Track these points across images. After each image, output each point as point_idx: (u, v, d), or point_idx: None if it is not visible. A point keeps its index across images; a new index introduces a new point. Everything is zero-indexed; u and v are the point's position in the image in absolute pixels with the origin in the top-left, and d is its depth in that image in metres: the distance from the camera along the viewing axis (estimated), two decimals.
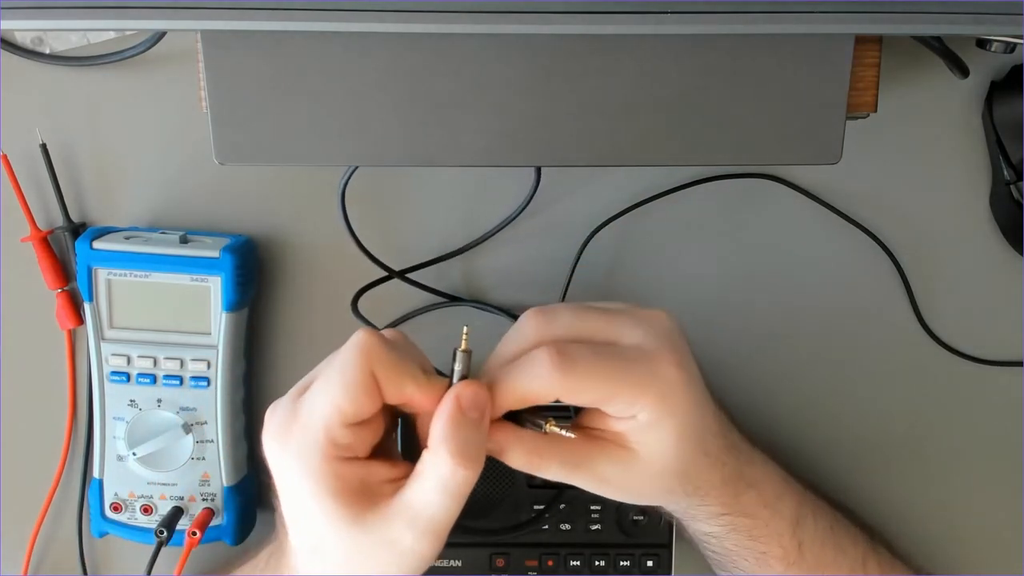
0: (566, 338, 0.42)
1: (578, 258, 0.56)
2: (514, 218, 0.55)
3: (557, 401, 0.41)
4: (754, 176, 0.56)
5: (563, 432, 0.42)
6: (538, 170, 0.53)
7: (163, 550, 0.55)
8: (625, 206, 0.56)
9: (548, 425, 0.42)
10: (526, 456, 0.42)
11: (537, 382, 0.40)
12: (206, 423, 0.55)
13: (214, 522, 0.56)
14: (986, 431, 0.59)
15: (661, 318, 0.44)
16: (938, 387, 0.58)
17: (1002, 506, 0.59)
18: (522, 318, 0.43)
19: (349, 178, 0.51)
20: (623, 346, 0.42)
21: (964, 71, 0.49)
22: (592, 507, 0.55)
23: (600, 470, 0.43)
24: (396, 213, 0.57)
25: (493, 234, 0.56)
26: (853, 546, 0.51)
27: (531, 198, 0.54)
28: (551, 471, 0.42)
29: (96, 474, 0.56)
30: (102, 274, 0.53)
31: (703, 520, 0.47)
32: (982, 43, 0.46)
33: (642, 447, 0.42)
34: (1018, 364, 0.58)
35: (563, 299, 0.57)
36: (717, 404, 0.46)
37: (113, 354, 0.54)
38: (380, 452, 0.43)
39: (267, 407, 0.44)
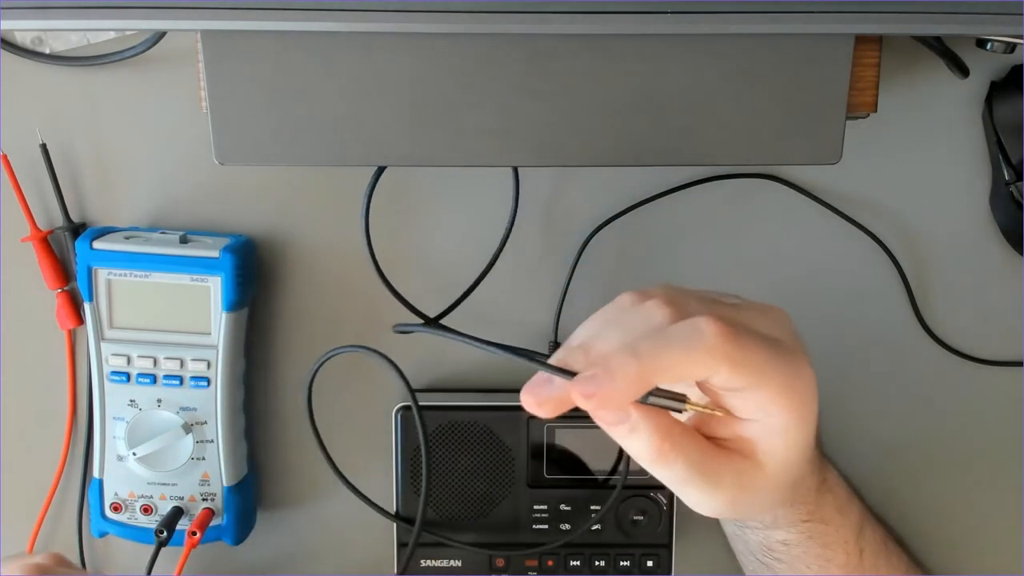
0: (730, 319, 0.37)
1: (578, 258, 0.56)
2: (509, 231, 0.55)
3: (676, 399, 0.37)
4: (754, 176, 0.56)
5: (709, 410, 0.38)
6: (515, 171, 0.53)
7: (163, 550, 0.55)
8: (625, 206, 0.56)
9: (688, 404, 0.37)
10: (658, 442, 0.37)
11: (699, 351, 0.35)
12: (206, 423, 0.55)
13: (214, 522, 0.56)
14: (986, 431, 0.58)
15: (786, 316, 0.40)
16: (938, 387, 0.58)
17: (1002, 506, 0.59)
18: (636, 297, 0.39)
19: (369, 204, 0.50)
20: (768, 336, 0.38)
21: (964, 71, 0.49)
22: (592, 507, 0.55)
23: (725, 484, 0.38)
24: (398, 216, 0.57)
25: (501, 250, 0.55)
26: (899, 560, 0.51)
27: (515, 209, 0.54)
28: (673, 468, 0.37)
29: (96, 474, 0.56)
30: (102, 274, 0.53)
31: (784, 527, 0.45)
32: (982, 43, 0.46)
33: (768, 458, 0.38)
34: (1018, 364, 0.58)
35: (562, 301, 0.57)
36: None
37: (113, 354, 0.54)
38: None
39: (267, 407, 0.43)
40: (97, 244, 0.53)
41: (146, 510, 0.56)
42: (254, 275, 0.56)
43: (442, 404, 0.55)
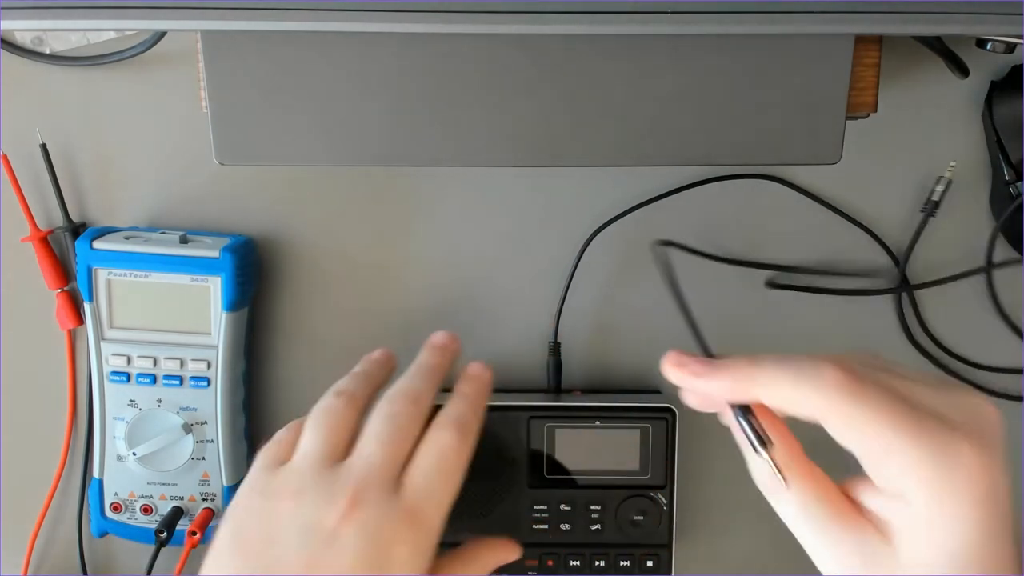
0: (863, 372, 0.35)
1: (578, 260, 0.56)
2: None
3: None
4: (754, 176, 0.56)
5: (766, 456, 0.36)
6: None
7: (163, 550, 0.55)
8: (626, 207, 0.56)
9: (766, 448, 0.36)
10: (784, 459, 0.36)
11: (808, 385, 0.34)
12: (206, 423, 0.55)
13: (214, 522, 0.56)
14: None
15: (986, 407, 0.35)
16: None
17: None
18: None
19: None
20: (921, 404, 0.34)
21: (964, 71, 0.49)
22: (592, 507, 0.55)
23: (841, 541, 0.35)
24: (397, 216, 0.57)
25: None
26: None
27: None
28: (786, 504, 0.36)
29: (96, 474, 0.56)
30: (102, 274, 0.53)
31: None
32: (982, 43, 0.46)
33: (905, 547, 0.34)
34: (1018, 369, 0.58)
35: (562, 301, 0.57)
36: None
37: (113, 354, 0.54)
38: None
39: (267, 407, 0.43)
40: (97, 244, 0.53)
41: (146, 510, 0.56)
42: (254, 275, 0.56)
43: (442, 404, 0.55)
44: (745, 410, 0.36)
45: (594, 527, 0.55)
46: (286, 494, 0.39)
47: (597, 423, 0.54)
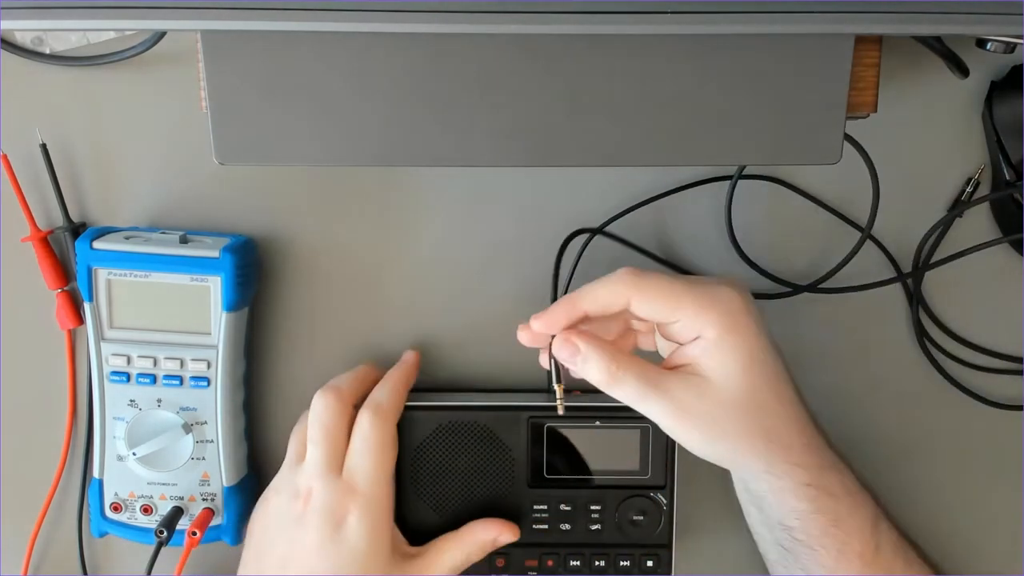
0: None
1: (578, 260, 0.56)
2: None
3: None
4: (754, 177, 0.56)
5: (556, 389, 0.49)
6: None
7: (163, 550, 0.55)
8: (625, 207, 0.56)
9: (557, 386, 0.49)
10: (606, 364, 0.46)
11: (611, 284, 0.47)
12: (206, 423, 0.55)
13: (214, 522, 0.56)
14: (986, 432, 0.58)
15: (735, 281, 0.49)
16: (937, 388, 0.58)
17: (1003, 507, 0.59)
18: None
19: None
20: (696, 277, 0.51)
21: (964, 71, 0.49)
22: (592, 507, 0.55)
23: (676, 394, 0.46)
24: (397, 216, 0.57)
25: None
26: (918, 564, 0.51)
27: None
28: (628, 386, 0.46)
29: (96, 474, 0.56)
30: (102, 274, 0.53)
31: (790, 491, 0.47)
32: (982, 43, 0.46)
33: (712, 371, 0.46)
34: (1018, 370, 0.58)
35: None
36: (796, 390, 0.49)
37: (113, 354, 0.54)
38: None
39: (267, 407, 0.45)
40: (97, 244, 0.53)
41: (146, 510, 0.56)
42: (254, 275, 0.56)
43: (442, 404, 0.55)
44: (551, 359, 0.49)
45: (594, 527, 0.55)
46: (273, 493, 0.53)
47: (597, 423, 0.54)
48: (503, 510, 0.55)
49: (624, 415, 0.52)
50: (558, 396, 0.49)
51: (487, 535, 0.54)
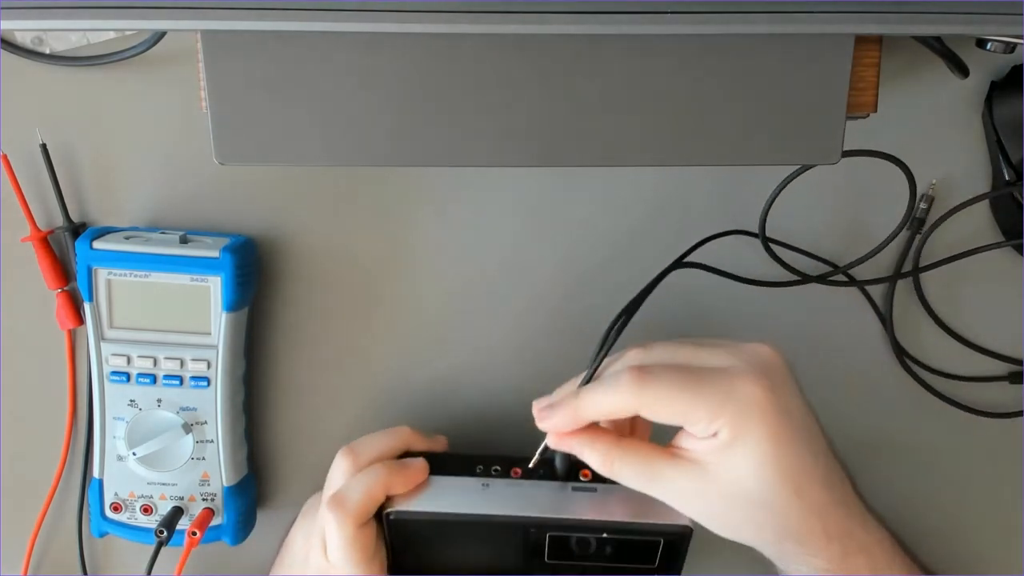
0: (661, 363, 0.44)
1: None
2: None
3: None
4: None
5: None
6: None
7: (163, 550, 0.55)
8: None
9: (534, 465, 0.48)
10: (601, 455, 0.45)
11: (615, 395, 0.43)
12: (206, 423, 0.55)
13: (214, 522, 0.56)
14: (986, 432, 0.58)
15: (760, 349, 0.45)
16: (937, 388, 0.58)
17: (1002, 507, 0.59)
18: (626, 350, 0.46)
19: None
20: (707, 367, 0.44)
21: (964, 71, 0.49)
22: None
23: (678, 484, 0.44)
24: (397, 216, 0.57)
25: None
26: None
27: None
28: (626, 478, 0.45)
29: (96, 474, 0.56)
30: (102, 274, 0.53)
31: (805, 569, 0.45)
32: (982, 43, 0.46)
33: (715, 465, 0.43)
34: (1018, 371, 0.58)
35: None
36: (831, 455, 0.45)
37: (113, 354, 0.54)
38: None
39: (267, 407, 0.45)
40: (97, 244, 0.53)
41: (146, 510, 0.56)
42: (254, 275, 0.56)
43: (429, 513, 0.50)
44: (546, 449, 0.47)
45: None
46: (302, 537, 0.54)
47: (604, 534, 0.49)
48: None
49: (633, 536, 0.49)
50: (534, 458, 0.49)
51: None
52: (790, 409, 0.43)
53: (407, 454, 0.52)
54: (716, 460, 0.43)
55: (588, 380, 0.46)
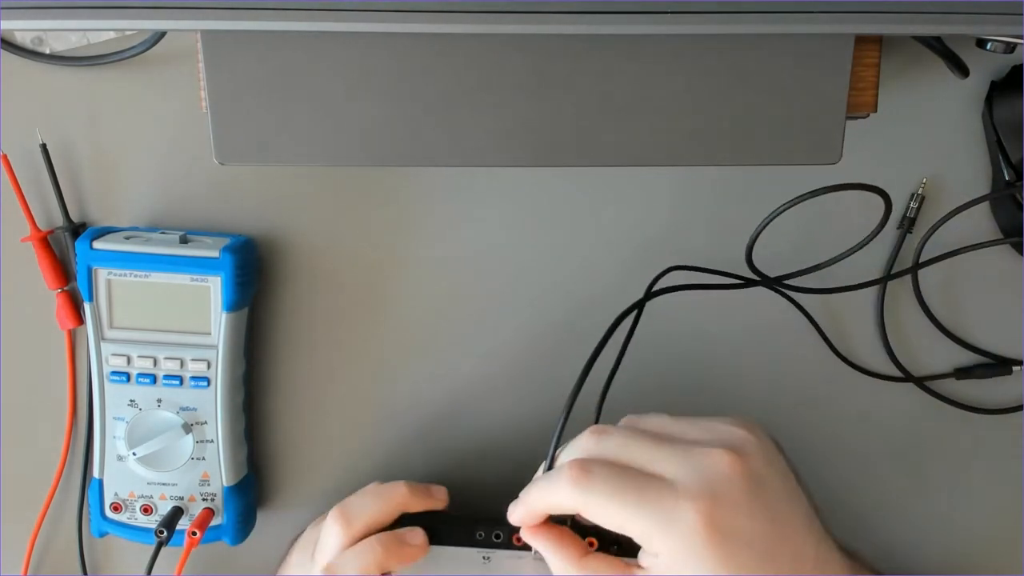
0: (608, 459, 0.42)
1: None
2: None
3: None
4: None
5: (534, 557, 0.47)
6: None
7: (163, 550, 0.55)
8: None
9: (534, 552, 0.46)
10: (562, 567, 0.44)
11: (555, 495, 0.42)
12: (206, 423, 0.55)
13: (214, 522, 0.56)
14: (986, 432, 0.58)
15: (721, 460, 0.41)
16: (937, 388, 0.58)
17: (1003, 507, 0.59)
18: (582, 433, 0.44)
19: None
20: (653, 477, 0.41)
21: (964, 71, 0.49)
22: None
23: None
24: (396, 216, 0.57)
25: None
26: None
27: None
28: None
29: (96, 474, 0.56)
30: (102, 274, 0.53)
31: None
32: (982, 43, 0.46)
33: None
34: (1020, 368, 0.58)
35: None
36: (807, 542, 0.42)
37: (113, 354, 0.54)
38: None
39: (267, 407, 0.44)
40: (97, 244, 0.53)
41: (146, 510, 0.56)
42: (254, 275, 0.56)
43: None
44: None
45: None
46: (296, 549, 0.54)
47: None
48: None
49: None
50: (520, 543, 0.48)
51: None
52: (734, 538, 0.40)
53: (404, 515, 0.50)
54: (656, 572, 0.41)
55: (550, 467, 0.45)
